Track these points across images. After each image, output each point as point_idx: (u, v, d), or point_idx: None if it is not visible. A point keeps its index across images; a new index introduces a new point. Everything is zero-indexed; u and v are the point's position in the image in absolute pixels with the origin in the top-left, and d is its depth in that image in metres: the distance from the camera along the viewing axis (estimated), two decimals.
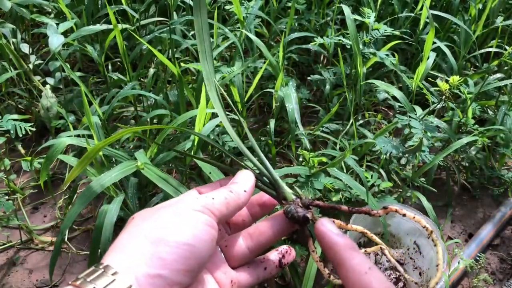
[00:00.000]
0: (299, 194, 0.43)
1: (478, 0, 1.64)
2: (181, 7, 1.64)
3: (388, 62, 1.24)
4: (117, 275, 0.31)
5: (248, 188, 0.40)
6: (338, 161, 0.92)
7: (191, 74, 1.53)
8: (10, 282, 1.09)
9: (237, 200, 0.38)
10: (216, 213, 0.36)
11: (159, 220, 0.35)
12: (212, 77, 0.47)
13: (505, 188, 1.39)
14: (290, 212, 0.41)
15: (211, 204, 0.37)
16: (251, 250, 0.41)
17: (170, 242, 0.33)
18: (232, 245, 0.41)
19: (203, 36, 0.46)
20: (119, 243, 0.34)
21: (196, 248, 0.34)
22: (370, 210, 0.41)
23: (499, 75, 1.49)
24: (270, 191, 0.44)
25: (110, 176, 0.83)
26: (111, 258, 0.33)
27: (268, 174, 0.45)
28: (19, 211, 1.24)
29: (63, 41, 1.14)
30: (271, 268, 0.42)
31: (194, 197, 0.37)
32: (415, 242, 1.12)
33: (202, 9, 0.46)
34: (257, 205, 0.45)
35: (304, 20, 1.64)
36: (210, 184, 0.43)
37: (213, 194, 0.38)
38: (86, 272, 0.32)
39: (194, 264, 0.33)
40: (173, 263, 0.32)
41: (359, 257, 0.32)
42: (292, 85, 1.26)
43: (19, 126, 1.03)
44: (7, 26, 1.39)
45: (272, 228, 0.41)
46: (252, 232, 0.42)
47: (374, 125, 1.49)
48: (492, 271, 1.20)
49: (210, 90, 0.47)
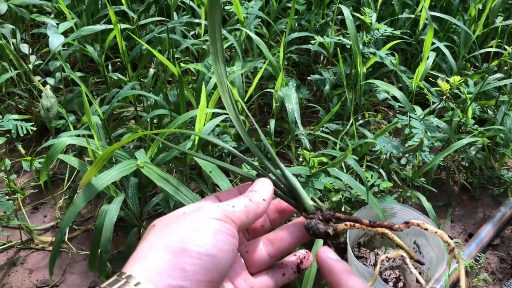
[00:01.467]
0: (320, 206, 0.43)
1: (477, 0, 1.65)
2: (181, 7, 1.64)
3: (388, 62, 1.24)
4: (139, 285, 0.31)
5: (267, 197, 0.40)
6: (338, 161, 0.92)
7: (191, 74, 1.53)
8: (10, 282, 1.09)
9: (257, 209, 0.38)
10: (236, 222, 0.36)
11: (180, 229, 0.34)
12: (225, 79, 0.46)
13: (505, 188, 1.39)
14: (311, 228, 0.41)
15: (232, 212, 0.36)
16: (271, 256, 0.41)
17: (192, 253, 0.33)
18: (253, 251, 0.41)
19: (216, 36, 0.45)
20: (141, 252, 0.34)
21: (217, 259, 0.33)
22: (392, 225, 0.40)
23: (499, 75, 1.49)
24: (290, 200, 0.44)
25: (110, 174, 0.83)
26: (132, 268, 0.32)
27: (285, 181, 0.44)
28: (19, 211, 1.24)
29: (63, 41, 1.14)
30: (289, 274, 0.42)
31: (214, 205, 0.37)
32: (415, 242, 1.12)
33: (216, 11, 0.45)
34: (276, 211, 0.45)
35: (304, 20, 1.64)
36: (229, 190, 0.43)
37: (233, 202, 0.38)
38: (109, 281, 0.32)
39: (215, 275, 0.33)
40: (195, 274, 0.32)
41: (354, 280, 0.35)
42: (292, 85, 1.26)
43: (19, 125, 1.03)
44: (6, 26, 1.39)
45: (292, 235, 0.42)
46: (272, 238, 0.42)
47: (374, 125, 1.49)
48: (492, 271, 1.20)
49: (223, 93, 0.46)
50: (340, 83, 1.41)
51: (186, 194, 0.81)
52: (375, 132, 1.27)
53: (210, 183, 1.09)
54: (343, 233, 1.17)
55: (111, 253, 1.15)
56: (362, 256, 1.15)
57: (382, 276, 1.11)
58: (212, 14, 0.45)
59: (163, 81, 1.42)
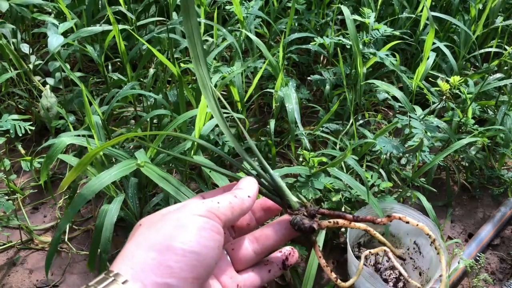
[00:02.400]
0: (304, 203, 0.43)
1: (478, 0, 1.65)
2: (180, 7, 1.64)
3: (388, 62, 1.24)
4: (127, 283, 0.31)
5: (252, 194, 0.41)
6: (338, 161, 0.92)
7: (191, 74, 1.53)
8: (10, 282, 1.08)
9: (242, 205, 0.39)
10: (221, 218, 0.37)
11: (165, 227, 0.35)
12: (208, 82, 0.45)
13: (505, 188, 1.39)
14: (296, 224, 0.41)
15: (216, 208, 0.37)
16: (257, 253, 0.42)
17: (177, 250, 0.33)
18: (239, 249, 0.41)
19: (195, 40, 0.43)
20: (127, 251, 0.34)
21: (202, 256, 0.34)
22: (375, 218, 0.41)
23: (499, 75, 1.49)
24: (275, 198, 0.44)
25: (110, 174, 0.83)
26: (119, 266, 0.33)
27: (271, 180, 0.45)
28: (19, 211, 1.24)
29: (63, 41, 1.14)
30: (275, 270, 0.43)
31: (199, 202, 0.37)
32: (415, 242, 1.12)
33: (191, 11, 0.43)
34: (262, 209, 0.45)
35: (304, 20, 1.64)
36: (214, 190, 0.43)
37: (218, 198, 0.38)
38: (97, 280, 0.32)
39: (201, 272, 0.34)
40: (181, 271, 0.33)
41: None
42: (292, 85, 1.26)
43: (18, 125, 1.03)
44: (7, 26, 1.39)
45: (278, 233, 0.42)
46: (258, 236, 0.42)
47: (374, 125, 1.49)
48: (492, 271, 1.20)
49: (207, 96, 0.45)
50: (340, 83, 1.41)
51: (187, 194, 0.81)
52: (375, 132, 1.27)
53: (210, 183, 1.09)
54: (343, 233, 1.17)
55: (111, 253, 1.15)
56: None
57: (382, 276, 1.11)
58: (186, 17, 0.42)
59: (162, 81, 1.42)
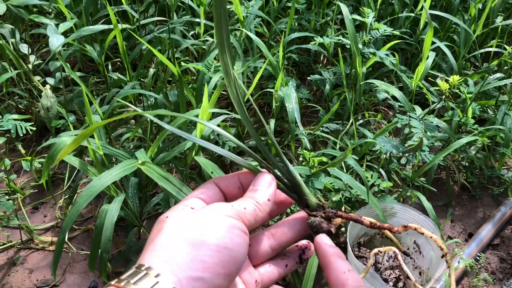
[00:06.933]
0: (323, 203, 0.44)
1: (478, 0, 1.65)
2: (180, 7, 1.64)
3: (388, 62, 1.24)
4: (159, 277, 0.31)
5: (271, 197, 0.41)
6: (338, 160, 0.92)
7: (191, 74, 1.53)
8: (10, 282, 1.09)
9: (264, 212, 0.40)
10: (246, 223, 0.38)
11: (197, 223, 0.35)
12: (231, 70, 0.45)
13: (505, 188, 1.39)
14: (315, 227, 0.42)
15: (243, 213, 0.38)
16: (273, 249, 0.43)
17: (211, 246, 0.34)
18: (256, 244, 0.42)
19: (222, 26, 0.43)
20: (158, 244, 0.34)
21: (234, 252, 0.35)
22: (391, 227, 0.42)
23: (499, 74, 1.49)
24: (291, 194, 0.44)
25: (111, 174, 0.83)
26: (150, 259, 0.33)
27: (289, 177, 0.45)
28: (19, 211, 1.24)
29: (63, 41, 1.14)
30: (292, 264, 0.43)
31: (228, 205, 0.38)
32: (415, 241, 1.12)
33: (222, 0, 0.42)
34: (274, 203, 0.45)
35: (304, 20, 1.64)
36: (228, 176, 0.44)
37: (243, 204, 0.39)
38: (129, 273, 0.32)
39: (232, 268, 0.35)
40: (215, 266, 0.33)
41: (342, 262, 0.38)
42: (292, 85, 1.26)
43: (19, 125, 1.03)
44: (6, 26, 1.39)
45: (293, 229, 0.43)
46: (274, 232, 0.43)
47: (374, 125, 1.49)
48: (492, 270, 1.20)
49: (230, 85, 0.45)
50: (340, 83, 1.41)
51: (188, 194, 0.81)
52: (375, 132, 1.27)
53: None
54: (343, 233, 1.18)
55: (111, 253, 1.15)
56: (362, 256, 1.15)
57: (382, 276, 1.11)
58: (217, 2, 0.42)
59: (163, 81, 1.42)
